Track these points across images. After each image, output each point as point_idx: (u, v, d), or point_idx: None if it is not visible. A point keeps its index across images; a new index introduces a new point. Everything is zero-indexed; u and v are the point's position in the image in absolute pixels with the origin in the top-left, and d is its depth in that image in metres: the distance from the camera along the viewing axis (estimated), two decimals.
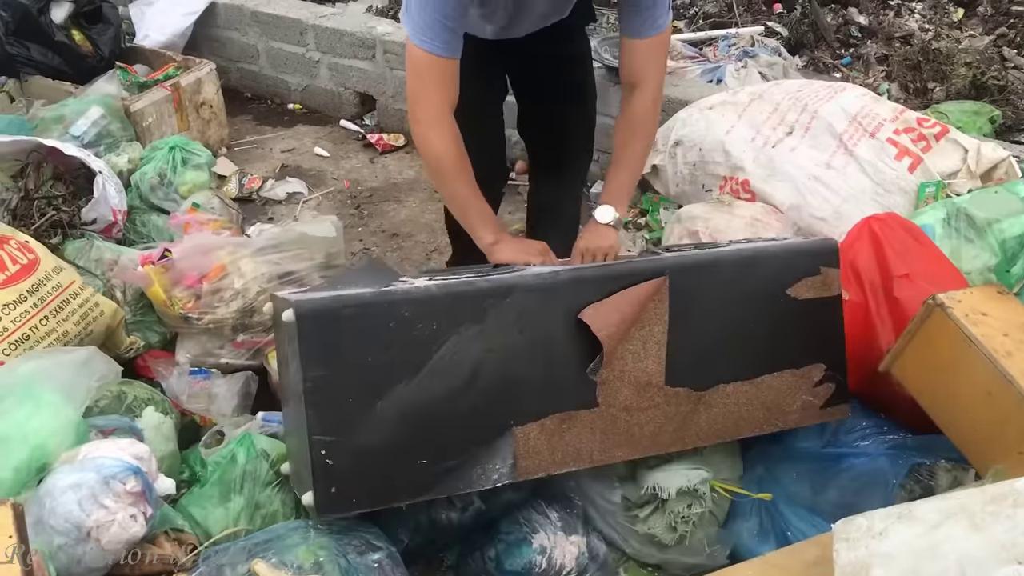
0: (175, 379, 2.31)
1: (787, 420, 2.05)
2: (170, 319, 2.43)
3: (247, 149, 4.14)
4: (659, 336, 1.91)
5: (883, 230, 2.29)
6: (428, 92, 2.00)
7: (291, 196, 3.79)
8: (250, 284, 2.41)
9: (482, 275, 1.92)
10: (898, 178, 2.66)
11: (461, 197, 2.11)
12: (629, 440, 1.90)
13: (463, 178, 2.07)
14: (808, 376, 2.07)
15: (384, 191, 3.82)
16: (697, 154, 2.95)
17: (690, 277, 1.95)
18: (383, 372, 1.70)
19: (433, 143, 2.03)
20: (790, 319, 2.04)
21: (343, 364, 1.69)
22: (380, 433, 1.70)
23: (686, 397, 1.96)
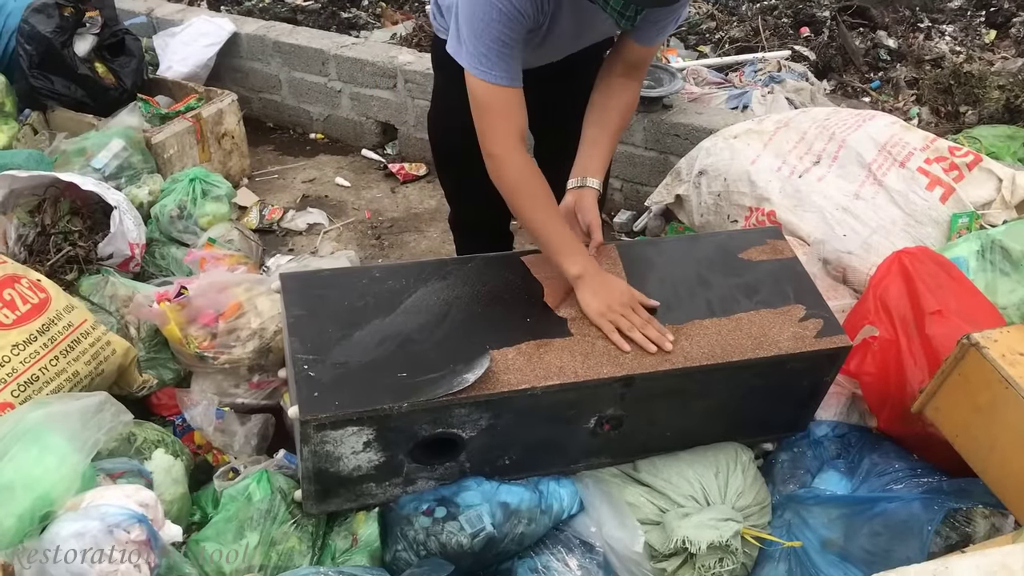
0: (201, 411, 2.27)
1: (779, 347, 1.99)
2: (185, 357, 2.40)
3: (268, 179, 4.13)
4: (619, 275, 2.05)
5: (914, 264, 2.22)
6: (495, 124, 1.96)
7: (312, 227, 3.77)
8: (267, 323, 2.37)
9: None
10: (930, 208, 2.58)
11: (539, 223, 2.00)
12: (612, 361, 1.89)
13: (539, 204, 2.00)
14: (789, 314, 2.07)
15: (405, 221, 3.78)
16: (722, 184, 2.89)
17: (637, 252, 2.15)
18: (359, 312, 1.89)
19: (507, 175, 1.99)
20: (750, 273, 2.15)
21: (322, 306, 1.89)
22: (359, 354, 1.82)
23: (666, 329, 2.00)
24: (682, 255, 2.21)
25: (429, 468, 1.93)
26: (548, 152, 2.57)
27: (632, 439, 2.06)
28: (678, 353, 1.94)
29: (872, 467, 2.13)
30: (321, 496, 1.91)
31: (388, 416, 1.76)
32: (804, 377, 2.10)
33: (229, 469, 2.11)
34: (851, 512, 2.04)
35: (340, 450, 1.80)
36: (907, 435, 2.16)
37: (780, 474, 2.21)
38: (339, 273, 2.06)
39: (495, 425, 1.88)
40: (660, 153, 3.55)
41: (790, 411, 2.20)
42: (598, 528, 1.95)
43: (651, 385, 1.93)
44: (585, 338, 1.93)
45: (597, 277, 1.98)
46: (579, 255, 1.99)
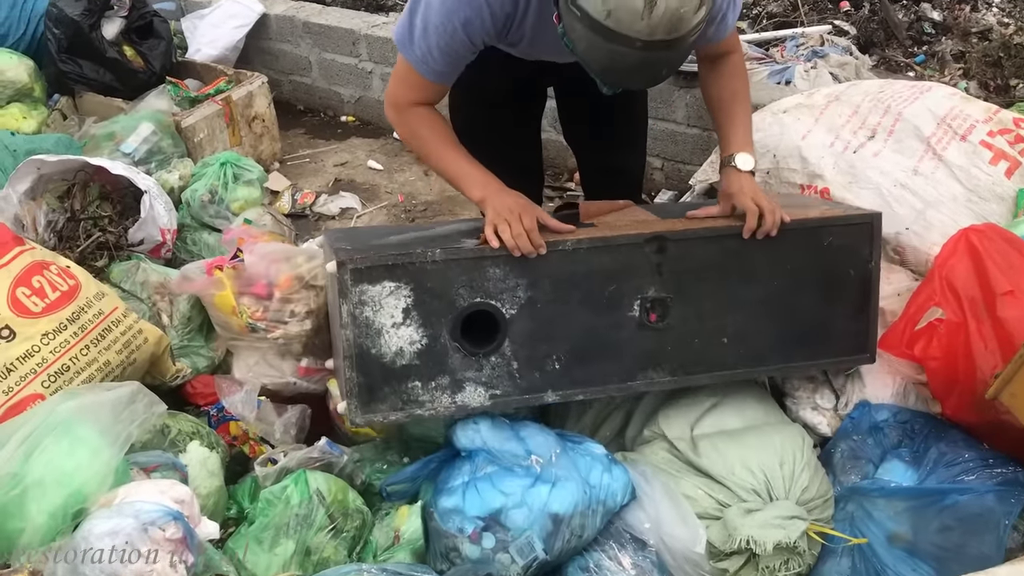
0: (241, 398, 2.20)
1: (809, 215, 2.03)
2: (232, 330, 2.31)
3: (300, 163, 4.05)
4: (644, 216, 2.06)
5: (982, 242, 2.09)
6: (407, 95, 2.02)
7: (344, 211, 3.69)
8: (323, 305, 2.28)
9: None
10: (994, 184, 2.45)
11: (436, 158, 2.06)
12: (639, 227, 1.95)
13: (436, 141, 2.03)
14: (809, 205, 2.17)
15: (439, 205, 3.69)
16: (771, 161, 2.77)
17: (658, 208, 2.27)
18: (397, 233, 2.01)
19: (407, 123, 2.05)
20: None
21: (364, 238, 1.98)
22: (395, 241, 1.91)
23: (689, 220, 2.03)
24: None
25: (476, 365, 1.89)
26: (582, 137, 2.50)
27: (688, 344, 1.99)
28: (707, 223, 1.99)
29: (939, 457, 2.01)
30: (366, 395, 1.84)
31: (423, 269, 1.80)
32: (846, 258, 2.07)
33: (268, 459, 2.03)
34: (919, 505, 1.93)
35: (380, 318, 1.81)
36: (977, 423, 2.05)
37: (840, 464, 2.11)
38: (383, 226, 2.33)
39: (534, 300, 1.88)
40: (703, 130, 3.43)
41: (848, 318, 2.11)
42: (654, 524, 1.85)
43: (686, 254, 1.94)
44: (608, 226, 1.98)
45: (497, 193, 1.97)
46: (479, 180, 2.00)
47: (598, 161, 2.50)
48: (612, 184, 2.51)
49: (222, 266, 2.25)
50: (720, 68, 2.19)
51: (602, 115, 2.36)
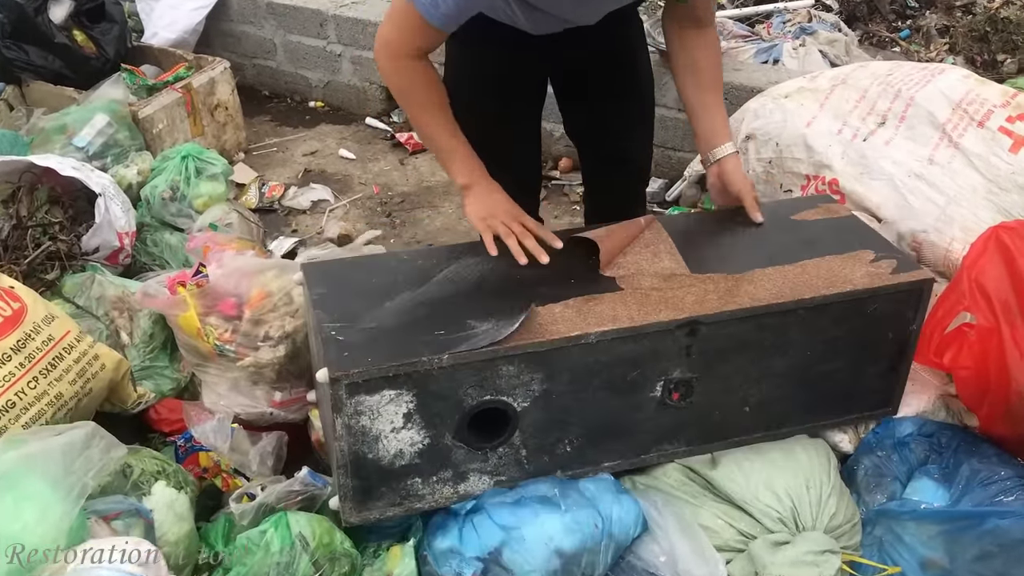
0: (214, 427, 1.99)
1: (854, 283, 1.80)
2: (200, 354, 2.11)
3: (267, 153, 3.83)
4: (668, 249, 1.84)
5: (1014, 240, 1.94)
6: (403, 38, 1.81)
7: (316, 204, 3.48)
8: (301, 327, 2.08)
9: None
10: (1014, 173, 2.30)
11: (430, 127, 1.90)
12: (670, 307, 1.70)
13: (432, 108, 1.88)
14: (858, 257, 1.88)
15: (417, 196, 3.49)
16: (773, 149, 2.60)
17: (683, 222, 2.05)
18: (388, 287, 1.74)
19: (402, 76, 1.85)
20: (807, 230, 1.98)
21: (348, 285, 1.75)
22: (391, 318, 1.66)
23: (722, 279, 1.78)
24: (731, 223, 2.03)
25: (481, 457, 1.71)
26: (585, 130, 2.31)
27: (707, 416, 1.83)
28: (744, 296, 1.75)
29: (972, 474, 1.86)
30: (361, 497, 1.67)
31: (428, 375, 1.57)
32: (888, 324, 1.88)
33: (244, 494, 1.85)
34: (955, 528, 1.78)
35: (378, 425, 1.60)
36: (1010, 436, 1.90)
37: (864, 482, 1.95)
38: (364, 258, 1.94)
39: (550, 392, 1.68)
40: None
41: (877, 377, 1.95)
42: (669, 559, 1.69)
43: (719, 334, 1.74)
44: (637, 291, 1.74)
45: (486, 188, 1.89)
46: (469, 164, 1.90)
47: (602, 152, 2.32)
48: (617, 176, 2.35)
49: (185, 282, 2.04)
50: (698, 43, 2.03)
51: (608, 104, 2.18)
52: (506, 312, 1.65)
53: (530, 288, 1.73)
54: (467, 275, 1.78)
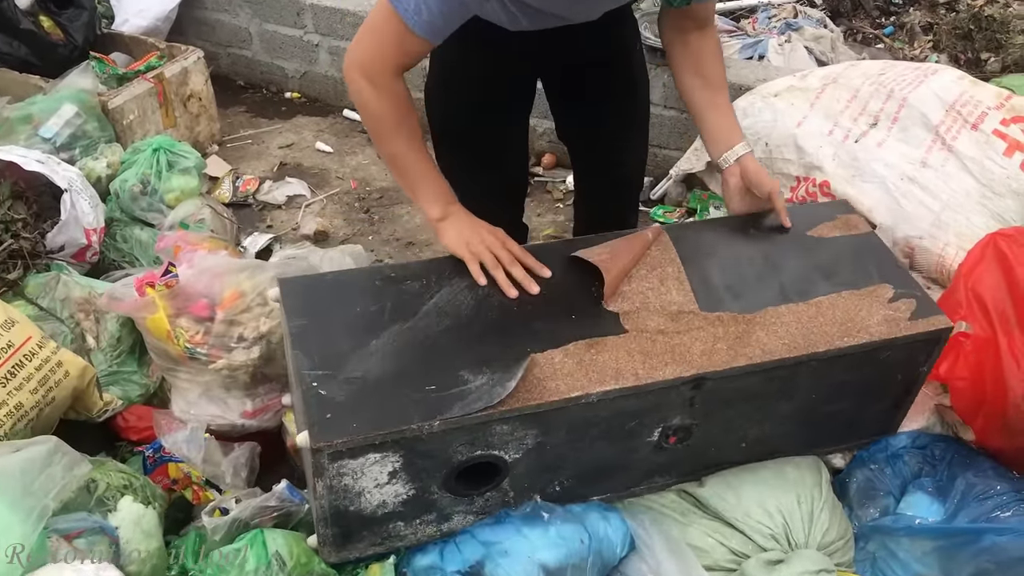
0: (186, 437, 1.91)
1: (870, 332, 1.69)
2: (169, 357, 2.02)
3: (241, 145, 3.72)
4: (676, 273, 1.72)
5: (1012, 248, 1.89)
6: (384, 53, 1.66)
7: (292, 199, 3.38)
8: (276, 328, 2.00)
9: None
10: (1008, 178, 2.25)
11: (400, 155, 1.76)
12: (676, 359, 1.58)
13: (404, 134, 1.74)
14: (875, 295, 1.76)
15: (396, 192, 3.40)
16: (763, 150, 2.54)
17: (691, 234, 1.86)
18: (374, 317, 1.60)
19: (375, 100, 1.69)
20: (824, 251, 1.86)
21: (330, 314, 1.61)
22: (377, 366, 1.53)
23: (732, 320, 1.66)
24: (743, 235, 1.89)
25: (467, 501, 1.63)
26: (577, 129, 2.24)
27: (702, 453, 1.76)
28: (754, 346, 1.64)
29: (968, 488, 1.82)
30: (340, 541, 1.59)
31: (417, 439, 1.46)
32: (899, 369, 1.81)
33: (216, 508, 1.77)
34: (950, 545, 1.73)
35: (361, 483, 1.50)
36: (1006, 448, 1.86)
37: (857, 497, 1.91)
38: (346, 275, 1.76)
39: (544, 444, 1.58)
40: (680, 112, 3.19)
41: (881, 411, 1.91)
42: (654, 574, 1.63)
43: (725, 387, 1.64)
44: (642, 334, 1.63)
45: (463, 216, 1.77)
46: (443, 196, 1.77)
47: (596, 156, 2.24)
48: (610, 181, 2.27)
49: (154, 283, 1.95)
50: (701, 44, 1.92)
51: (603, 106, 2.11)
52: (502, 362, 1.53)
53: (527, 324, 1.62)
54: (459, 304, 1.64)
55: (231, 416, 1.97)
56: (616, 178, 2.26)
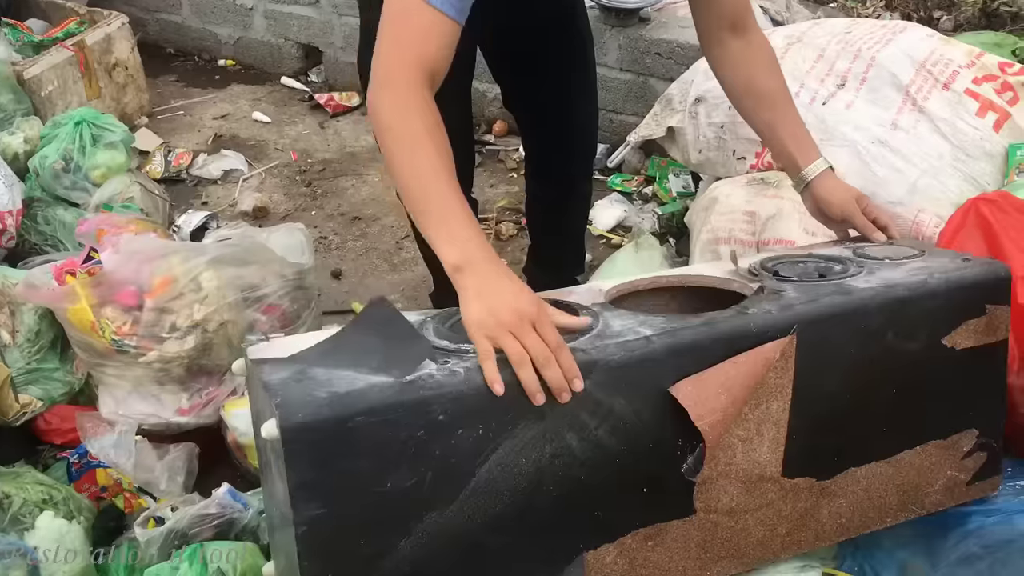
0: (113, 442, 1.75)
1: (925, 504, 1.55)
2: (95, 351, 1.85)
3: (173, 117, 3.51)
4: (778, 415, 1.36)
5: (995, 214, 1.79)
6: (402, 47, 1.37)
7: (228, 173, 3.19)
8: (212, 315, 1.84)
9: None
10: (982, 139, 2.16)
11: (417, 179, 1.33)
12: (731, 551, 1.39)
13: (425, 154, 1.33)
14: (957, 446, 1.55)
15: (339, 163, 3.23)
16: (726, 113, 2.42)
17: (823, 330, 1.37)
18: (408, 501, 1.16)
19: (394, 108, 1.35)
20: (943, 376, 1.50)
21: (351, 496, 1.14)
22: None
23: (807, 490, 1.44)
24: (875, 344, 1.44)
25: None
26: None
27: None
28: (811, 529, 1.45)
29: None
30: None
31: None
32: None
33: (150, 517, 1.62)
34: (935, 531, 1.64)
35: None
36: None
37: None
38: (379, 416, 1.14)
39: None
40: (638, 75, 3.06)
41: None
42: None
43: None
44: (710, 516, 1.36)
45: (487, 270, 1.27)
46: (463, 235, 1.28)
47: (546, 126, 2.11)
48: (562, 151, 2.16)
49: (75, 271, 1.77)
50: (746, 57, 1.72)
51: (551, 75, 1.98)
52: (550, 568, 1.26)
53: (592, 501, 1.28)
54: (518, 473, 1.23)
55: (165, 414, 1.82)
56: (566, 146, 2.15)
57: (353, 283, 2.66)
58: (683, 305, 1.59)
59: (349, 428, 1.10)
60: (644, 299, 1.54)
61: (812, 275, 1.49)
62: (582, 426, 1.23)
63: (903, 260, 1.55)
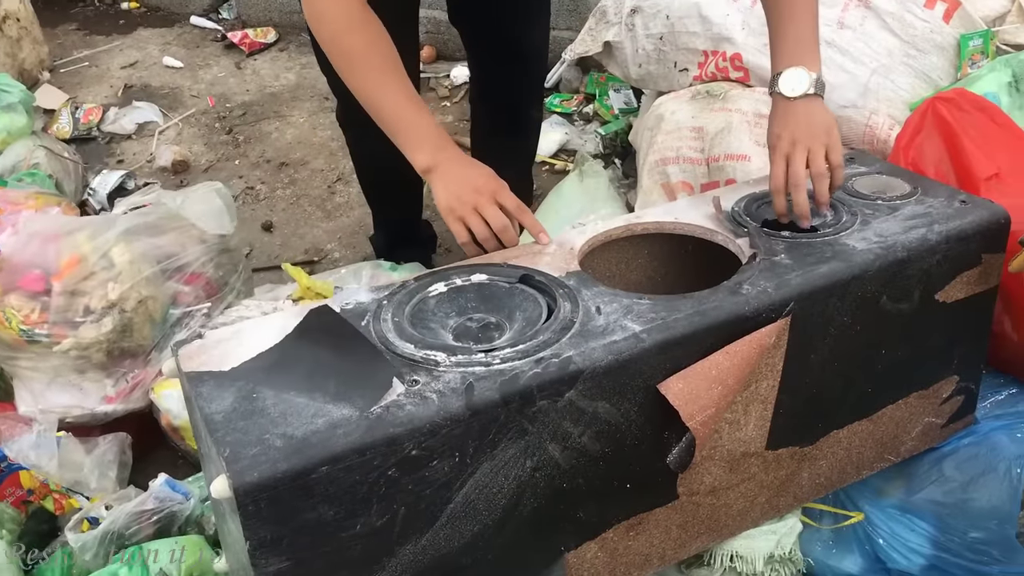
0: (32, 443, 1.62)
1: (900, 452, 1.49)
2: (4, 345, 1.71)
3: (77, 69, 3.27)
4: (767, 393, 1.27)
5: (953, 114, 1.70)
6: None
7: (143, 127, 2.99)
8: (128, 292, 1.70)
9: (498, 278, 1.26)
10: (932, 31, 2.06)
11: (373, 91, 1.41)
12: (711, 526, 1.32)
13: (374, 65, 1.40)
14: (937, 394, 1.48)
15: (260, 105, 3.04)
16: (664, 23, 2.28)
17: (818, 302, 1.27)
18: (379, 539, 1.04)
19: (331, 18, 1.38)
20: (931, 330, 1.43)
21: (317, 545, 1.01)
22: None
23: (789, 458, 1.36)
24: (869, 310, 1.33)
25: None
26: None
27: None
28: (789, 494, 1.39)
29: None
30: None
31: None
32: None
33: (83, 519, 1.50)
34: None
35: None
36: None
37: None
38: (343, 463, 0.98)
39: None
40: None
41: None
42: None
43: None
44: (692, 498, 1.29)
45: (450, 162, 1.41)
46: (429, 140, 1.41)
47: (497, 45, 1.97)
48: (514, 73, 2.03)
49: None
50: None
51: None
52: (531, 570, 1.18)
53: (575, 501, 1.18)
54: (498, 490, 1.11)
55: (90, 403, 1.68)
56: (521, 70, 2.02)
57: (286, 234, 2.51)
58: (659, 252, 1.50)
59: (312, 479, 0.96)
60: (618, 249, 1.46)
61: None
62: (565, 435, 1.12)
63: (896, 201, 1.44)
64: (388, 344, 1.12)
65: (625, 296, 1.21)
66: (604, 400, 1.13)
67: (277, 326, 1.17)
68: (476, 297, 1.26)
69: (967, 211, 1.40)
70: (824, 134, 1.40)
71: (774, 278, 1.24)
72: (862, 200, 1.45)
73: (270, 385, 1.05)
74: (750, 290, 1.22)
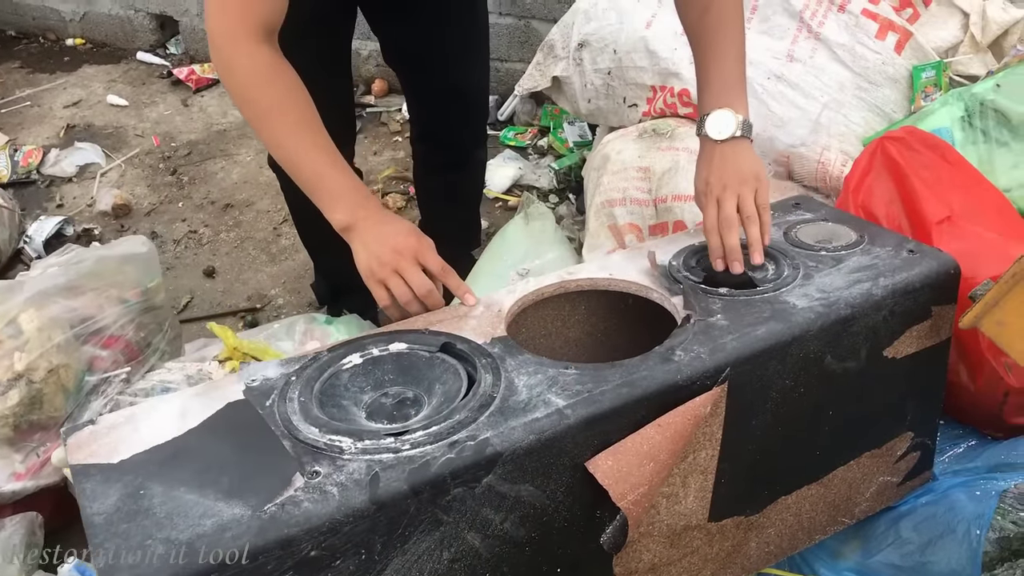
0: None
1: (855, 513, 1.41)
2: None
3: (18, 109, 3.18)
4: (706, 463, 1.18)
5: (902, 153, 1.64)
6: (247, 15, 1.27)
7: (84, 168, 2.89)
8: (37, 362, 1.60)
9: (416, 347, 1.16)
10: (884, 63, 2.00)
11: (290, 147, 1.32)
12: None
13: (290, 120, 1.31)
14: (891, 452, 1.40)
15: (207, 144, 2.95)
16: (611, 58, 2.21)
17: (757, 366, 1.18)
18: None
19: (241, 72, 1.29)
20: (881, 388, 1.35)
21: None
22: None
23: (734, 528, 1.27)
24: (812, 371, 1.24)
25: None
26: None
27: None
28: (736, 565, 1.30)
29: None
30: None
31: None
32: None
33: None
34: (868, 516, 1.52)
35: None
36: None
37: None
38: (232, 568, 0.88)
39: None
40: (519, 19, 2.83)
41: None
42: None
43: None
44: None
45: (369, 220, 1.32)
46: (346, 197, 1.32)
47: (434, 84, 1.90)
48: (454, 112, 1.95)
49: None
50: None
51: (438, 26, 1.77)
52: None
53: None
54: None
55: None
56: (460, 109, 1.94)
57: (229, 280, 2.42)
58: (596, 307, 1.41)
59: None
60: (555, 305, 1.37)
61: (742, 280, 1.31)
62: (485, 523, 1.02)
63: (841, 252, 1.36)
64: (292, 428, 1.03)
65: (551, 365, 1.12)
66: (527, 483, 1.03)
67: (175, 410, 1.08)
68: (394, 368, 1.17)
69: (915, 261, 1.33)
70: (753, 179, 1.34)
71: (709, 342, 1.16)
72: (805, 251, 1.37)
73: (160, 480, 0.96)
74: (683, 356, 1.13)
